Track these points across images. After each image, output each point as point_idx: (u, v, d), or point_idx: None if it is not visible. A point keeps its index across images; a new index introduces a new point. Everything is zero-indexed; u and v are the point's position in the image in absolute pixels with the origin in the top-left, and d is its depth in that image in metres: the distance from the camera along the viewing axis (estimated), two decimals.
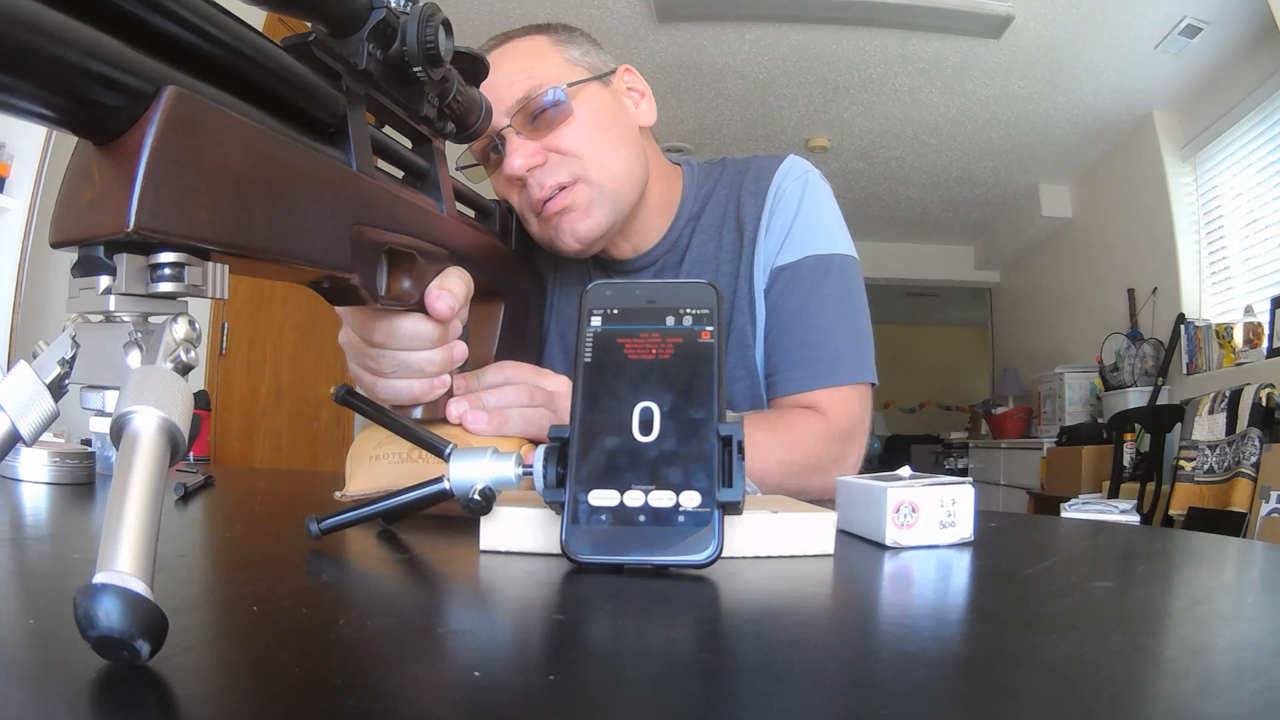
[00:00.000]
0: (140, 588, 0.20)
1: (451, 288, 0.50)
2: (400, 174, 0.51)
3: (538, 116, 0.75)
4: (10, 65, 0.23)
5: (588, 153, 0.77)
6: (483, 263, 0.58)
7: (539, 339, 0.84)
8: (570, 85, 0.77)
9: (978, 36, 3.09)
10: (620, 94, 0.84)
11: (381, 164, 0.46)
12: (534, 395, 0.59)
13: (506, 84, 0.76)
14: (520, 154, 0.74)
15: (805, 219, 0.83)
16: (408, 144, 0.52)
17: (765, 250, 0.84)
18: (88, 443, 0.79)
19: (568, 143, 0.76)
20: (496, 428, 0.55)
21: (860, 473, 0.59)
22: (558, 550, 0.36)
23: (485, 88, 0.72)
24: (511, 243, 0.65)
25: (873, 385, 0.83)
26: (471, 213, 0.60)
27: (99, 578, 0.20)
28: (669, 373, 0.39)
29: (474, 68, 0.54)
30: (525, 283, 0.65)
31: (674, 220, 0.87)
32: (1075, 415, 4.13)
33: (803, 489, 0.72)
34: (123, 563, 0.21)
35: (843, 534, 0.49)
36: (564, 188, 0.76)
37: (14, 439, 0.26)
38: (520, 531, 0.40)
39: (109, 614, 0.20)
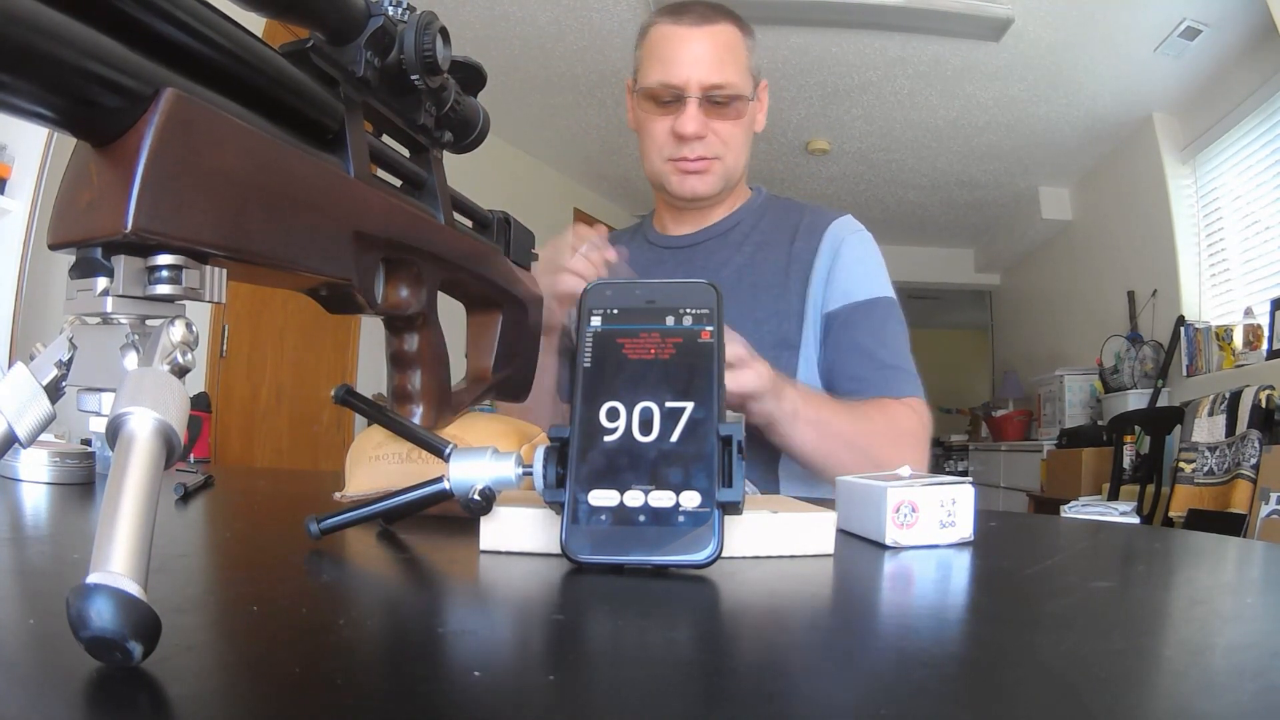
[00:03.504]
0: (133, 589, 0.20)
1: None
2: (398, 183, 0.51)
3: (718, 104, 0.97)
4: (10, 64, 0.23)
5: (732, 147, 1.01)
6: (480, 272, 0.58)
7: (536, 348, 0.85)
8: (747, 99, 0.99)
9: (977, 39, 3.10)
10: (756, 101, 1.04)
11: (380, 173, 0.46)
12: None
13: (708, 64, 0.96)
14: (695, 123, 0.97)
15: (870, 267, 1.02)
16: (406, 153, 0.52)
17: (833, 284, 1.00)
18: (87, 443, 0.79)
19: (726, 134, 0.99)
20: None
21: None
22: (558, 550, 0.36)
23: (687, 54, 0.96)
24: (509, 253, 0.65)
25: None
26: (469, 223, 0.60)
27: (92, 578, 0.20)
28: (669, 372, 0.39)
29: (472, 77, 0.54)
30: (522, 292, 0.65)
31: (731, 215, 1.08)
32: (1075, 417, 4.13)
33: (899, 459, 0.86)
34: (116, 564, 0.21)
35: (843, 534, 0.49)
36: (704, 159, 0.99)
37: (10, 441, 0.26)
38: (520, 531, 0.40)
39: (101, 615, 0.19)
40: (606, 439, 0.38)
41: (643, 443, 0.38)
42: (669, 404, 0.38)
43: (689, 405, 0.38)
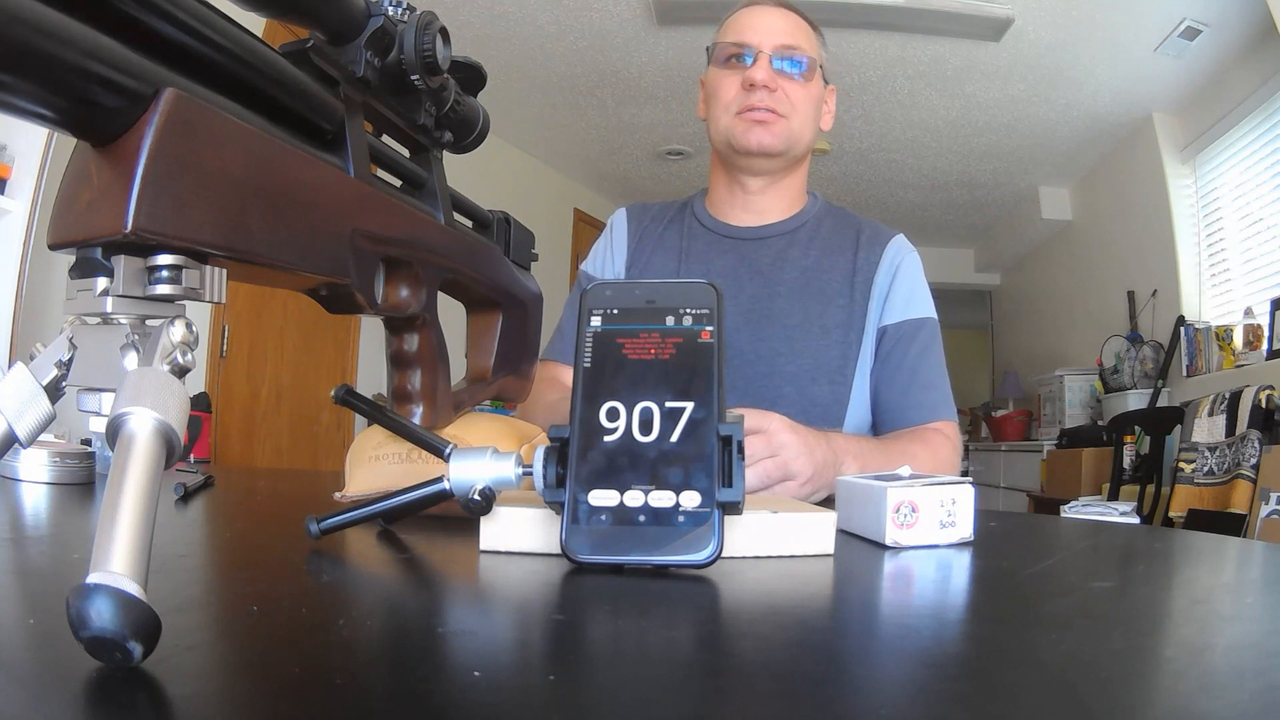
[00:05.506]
0: (133, 589, 0.20)
1: None
2: (398, 183, 0.51)
3: (791, 65, 1.01)
4: (10, 64, 0.23)
5: (799, 109, 1.03)
6: (480, 273, 0.58)
7: (536, 348, 0.85)
8: (818, 65, 1.04)
9: (977, 39, 3.10)
10: (825, 97, 1.08)
11: (380, 173, 0.46)
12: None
13: (783, 29, 1.02)
14: (765, 72, 1.00)
15: (922, 288, 1.07)
16: (406, 153, 0.52)
17: (891, 301, 1.04)
18: (87, 443, 0.79)
19: (794, 95, 1.02)
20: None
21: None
22: (558, 550, 0.36)
23: (762, 22, 1.03)
24: (509, 253, 0.65)
25: None
26: (469, 223, 0.60)
27: (92, 578, 0.20)
28: (669, 372, 0.39)
29: (472, 77, 0.54)
30: (523, 293, 0.65)
31: (795, 215, 1.10)
32: (1075, 418, 4.13)
33: None
34: (116, 564, 0.21)
35: (843, 534, 0.49)
36: (772, 112, 1.01)
37: (10, 441, 0.26)
38: (520, 531, 0.40)
39: (101, 615, 0.19)
40: (606, 439, 0.38)
41: (643, 443, 0.38)
42: (669, 404, 0.38)
43: (689, 405, 0.38)
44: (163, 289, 0.29)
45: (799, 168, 1.09)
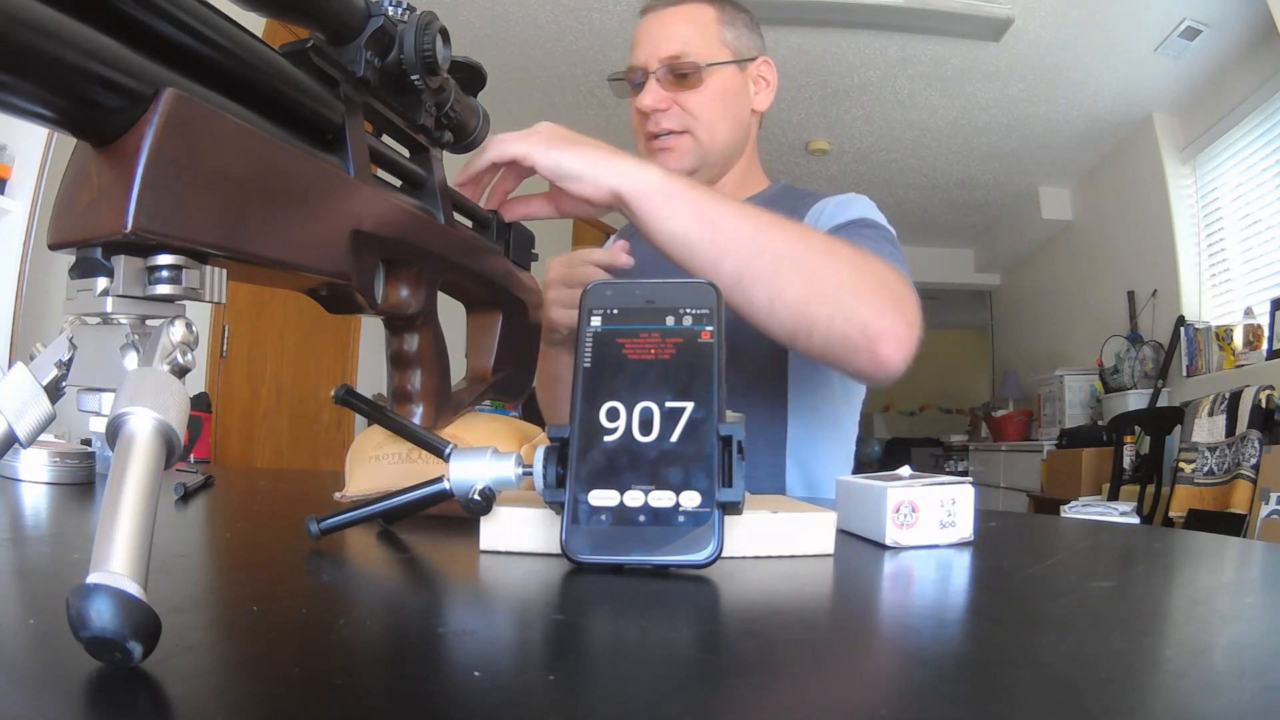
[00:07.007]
0: (133, 589, 0.20)
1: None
2: (398, 183, 0.51)
3: (678, 76, 0.96)
4: (10, 64, 0.23)
5: (701, 117, 0.96)
6: (480, 273, 0.58)
7: (536, 348, 0.86)
8: (710, 65, 0.96)
9: (977, 39, 3.10)
10: (750, 78, 1.01)
11: (380, 173, 0.47)
12: None
13: (666, 39, 0.96)
14: (652, 96, 0.95)
15: (856, 202, 0.97)
16: (406, 153, 0.52)
17: (819, 226, 0.92)
18: (87, 443, 0.79)
19: (690, 104, 0.96)
20: None
21: (859, 473, 0.59)
22: (558, 550, 0.36)
23: (648, 34, 0.97)
24: (509, 253, 0.65)
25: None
26: (469, 223, 0.60)
27: (92, 578, 0.20)
28: (669, 372, 0.39)
29: (472, 77, 0.54)
30: (522, 293, 0.65)
31: (747, 200, 0.98)
32: (1075, 418, 4.13)
33: (856, 287, 0.66)
34: (116, 564, 0.21)
35: (843, 534, 0.49)
36: (672, 133, 0.97)
37: (10, 441, 0.26)
38: (520, 531, 0.40)
39: (101, 614, 0.19)
40: (606, 439, 0.38)
41: (643, 443, 0.38)
42: (669, 404, 0.38)
43: (689, 405, 0.38)
44: (163, 289, 0.29)
45: (736, 160, 1.04)
